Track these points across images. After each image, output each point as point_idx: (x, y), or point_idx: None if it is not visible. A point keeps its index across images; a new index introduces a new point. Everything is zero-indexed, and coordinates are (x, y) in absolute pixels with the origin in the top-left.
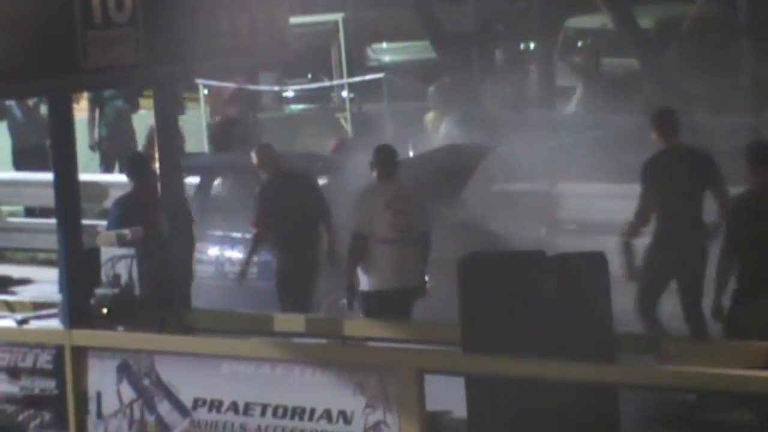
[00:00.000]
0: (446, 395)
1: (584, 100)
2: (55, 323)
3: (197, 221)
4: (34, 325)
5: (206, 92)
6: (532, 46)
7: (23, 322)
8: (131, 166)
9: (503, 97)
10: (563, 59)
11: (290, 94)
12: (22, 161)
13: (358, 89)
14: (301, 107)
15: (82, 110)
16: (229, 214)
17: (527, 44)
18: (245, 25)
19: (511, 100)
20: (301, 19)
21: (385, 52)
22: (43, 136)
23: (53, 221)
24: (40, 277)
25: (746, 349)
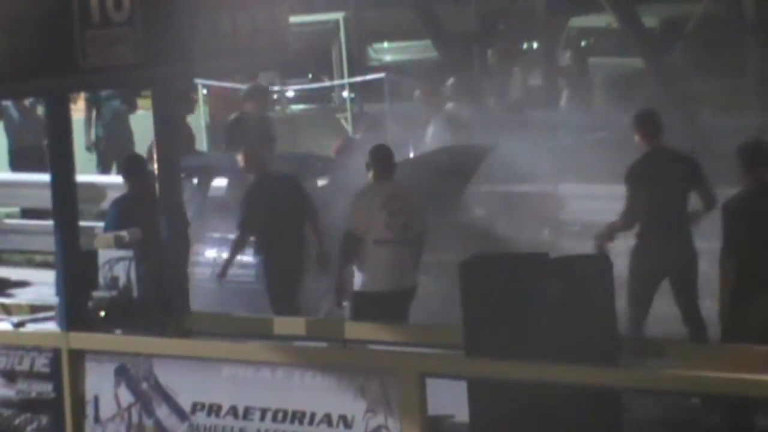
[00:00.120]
0: (448, 399)
1: (571, 100)
2: (52, 326)
3: (194, 223)
4: (30, 328)
5: (205, 92)
6: (535, 45)
7: (20, 324)
8: (127, 167)
9: (496, 96)
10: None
11: (290, 94)
12: (18, 162)
13: (359, 89)
14: (301, 107)
15: (78, 110)
16: (227, 215)
17: (530, 44)
18: (245, 24)
19: (504, 99)
20: (301, 18)
21: (386, 51)
22: (39, 136)
23: (50, 223)
24: (36, 279)
25: (749, 352)
